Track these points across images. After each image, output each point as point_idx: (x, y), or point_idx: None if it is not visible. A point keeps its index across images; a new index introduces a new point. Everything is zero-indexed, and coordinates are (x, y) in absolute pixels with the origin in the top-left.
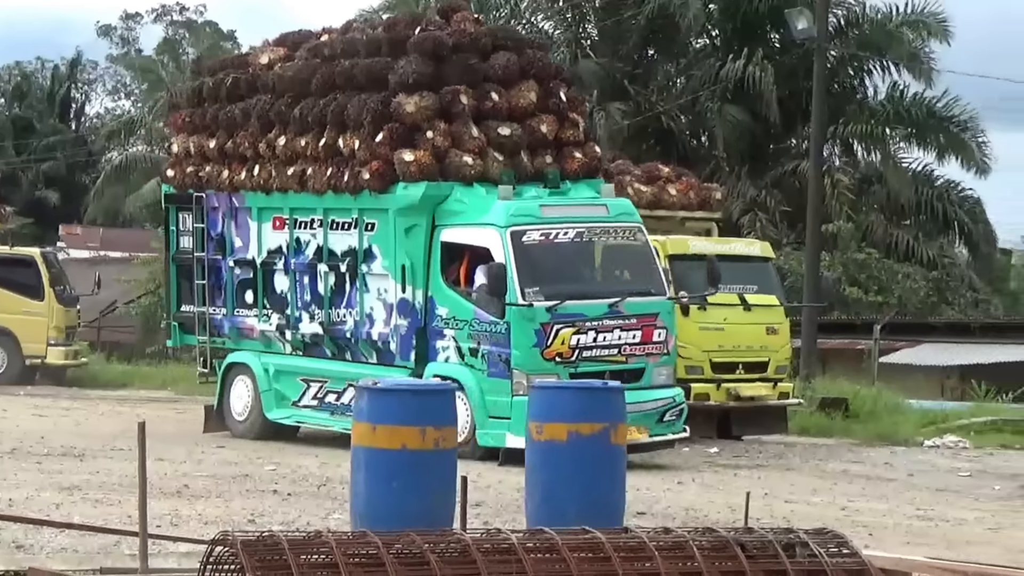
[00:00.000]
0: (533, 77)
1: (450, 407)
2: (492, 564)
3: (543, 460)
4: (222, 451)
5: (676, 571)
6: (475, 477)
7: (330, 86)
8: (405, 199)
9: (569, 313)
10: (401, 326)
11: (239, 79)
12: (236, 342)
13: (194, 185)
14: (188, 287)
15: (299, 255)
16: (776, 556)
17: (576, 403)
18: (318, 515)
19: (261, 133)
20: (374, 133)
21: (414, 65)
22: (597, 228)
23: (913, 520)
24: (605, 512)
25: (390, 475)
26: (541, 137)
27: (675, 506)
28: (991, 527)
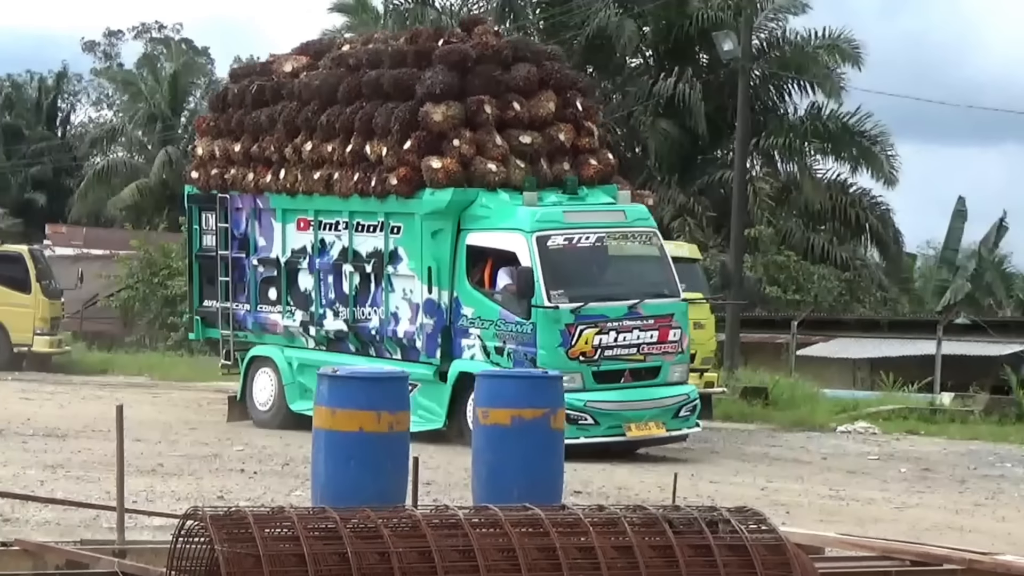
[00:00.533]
0: (552, 87)
1: (404, 393)
2: (440, 538)
3: (488, 442)
4: (194, 433)
5: (609, 545)
6: (426, 458)
7: (356, 94)
8: (432, 204)
9: (592, 314)
10: (427, 325)
11: (264, 86)
12: (259, 336)
13: (218, 186)
14: (210, 283)
15: (324, 255)
16: (701, 532)
17: (519, 390)
18: (282, 492)
19: (287, 138)
20: (402, 140)
21: (441, 76)
22: (616, 233)
23: (826, 500)
24: (545, 490)
25: (348, 456)
26: (559, 145)
27: (609, 485)
28: (897, 506)
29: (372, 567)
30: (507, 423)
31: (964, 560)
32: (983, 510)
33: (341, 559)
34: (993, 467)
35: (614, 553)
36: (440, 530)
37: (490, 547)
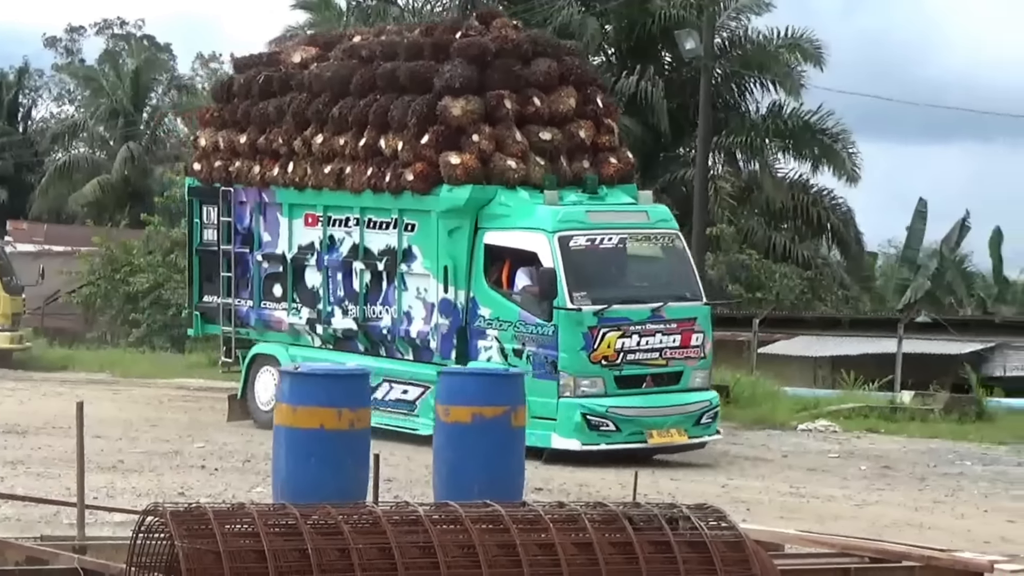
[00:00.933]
0: (571, 83)
1: (364, 391)
2: (401, 534)
3: (449, 440)
4: (155, 430)
5: (569, 541)
6: (387, 455)
7: (370, 87)
8: (449, 201)
9: (615, 317)
10: (442, 325)
11: (272, 76)
12: (262, 334)
13: (221, 179)
14: (210, 278)
15: (333, 252)
16: (660, 528)
17: (480, 388)
18: (243, 488)
19: (296, 130)
20: (419, 135)
21: (460, 69)
22: (639, 234)
23: (787, 497)
24: (505, 487)
25: (308, 452)
26: (579, 142)
27: (570, 483)
28: (857, 504)
29: (332, 563)
30: (468, 421)
31: (923, 557)
32: (942, 507)
33: (301, 555)
34: (952, 465)
35: (574, 550)
36: (400, 526)
37: (450, 544)
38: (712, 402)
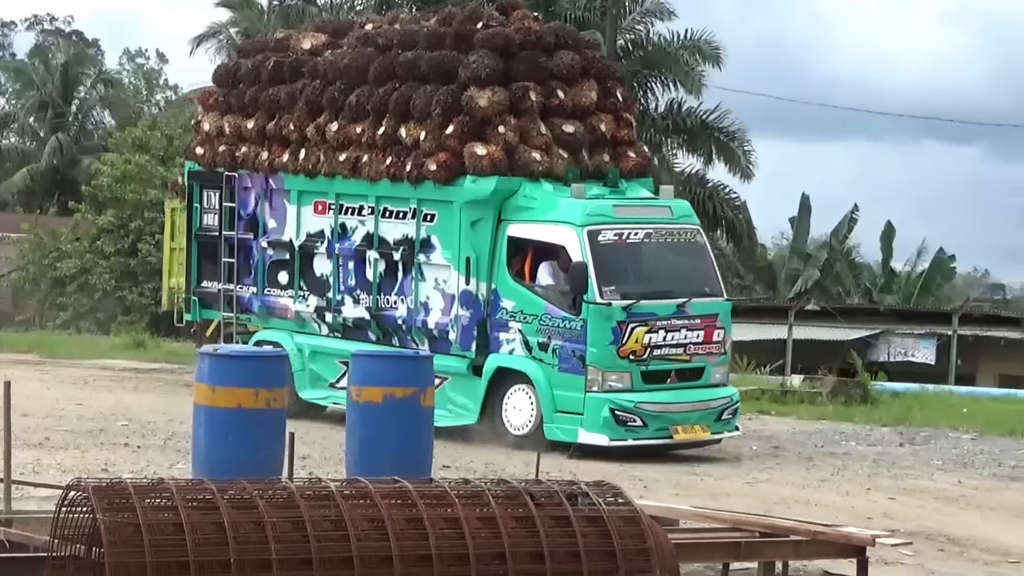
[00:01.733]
0: (593, 76)
1: (281, 371)
2: (313, 509)
3: (361, 419)
4: (80, 408)
5: (474, 516)
6: (303, 433)
7: (389, 75)
8: (474, 192)
9: (642, 312)
10: (463, 316)
11: (282, 62)
12: (264, 320)
13: (225, 164)
14: (209, 264)
15: (344, 240)
16: (560, 504)
17: (391, 369)
18: (164, 465)
19: (308, 117)
20: (443, 125)
21: (485, 59)
22: (663, 229)
23: (682, 475)
24: (415, 465)
25: (226, 431)
26: (600, 136)
27: (477, 461)
28: (748, 482)
29: (247, 536)
30: (379, 401)
31: (809, 532)
32: (828, 485)
33: (217, 528)
34: (838, 445)
35: (478, 524)
36: (313, 501)
37: (360, 518)
38: (733, 398)
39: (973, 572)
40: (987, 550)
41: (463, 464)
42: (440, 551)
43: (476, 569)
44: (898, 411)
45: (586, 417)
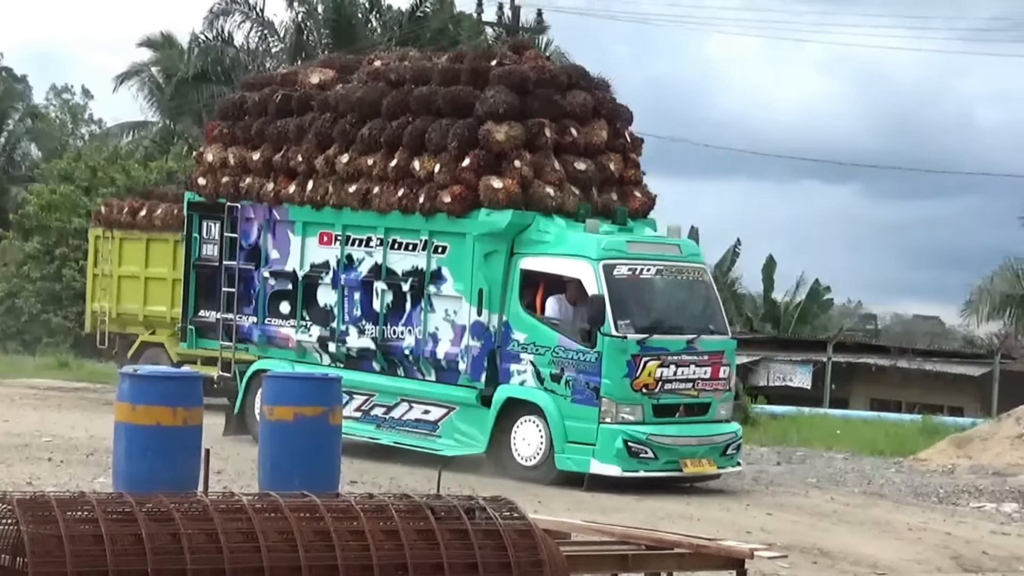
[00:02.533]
0: (603, 116)
1: (197, 392)
2: (226, 521)
3: (273, 436)
4: (6, 425)
5: (378, 529)
6: (218, 449)
7: (402, 109)
8: (488, 225)
9: (655, 347)
10: (474, 347)
11: (290, 96)
12: (264, 350)
13: (228, 195)
14: (206, 293)
15: (350, 271)
16: (459, 518)
17: (302, 390)
18: (86, 479)
19: (318, 149)
20: (459, 157)
21: (503, 95)
22: (673, 266)
23: (574, 491)
24: (323, 480)
25: (145, 447)
26: (609, 175)
27: (382, 477)
28: (636, 497)
29: (164, 547)
30: (290, 419)
31: (692, 545)
32: (710, 501)
33: (136, 539)
34: None
35: (382, 536)
36: (226, 514)
37: (271, 530)
38: (737, 434)
39: None
40: (857, 562)
41: (369, 479)
42: (346, 562)
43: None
44: (776, 432)
45: (599, 448)
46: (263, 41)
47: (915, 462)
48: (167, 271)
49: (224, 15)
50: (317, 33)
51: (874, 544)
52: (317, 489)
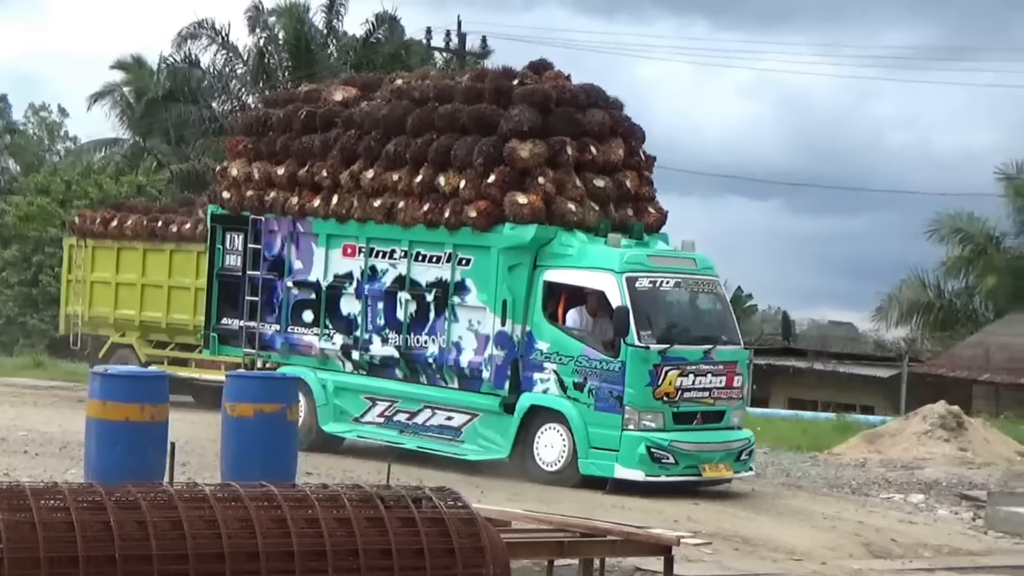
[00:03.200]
0: (620, 135)
1: (163, 390)
2: (189, 510)
3: (235, 431)
4: None
5: (331, 517)
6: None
7: (426, 126)
8: (513, 239)
9: (675, 357)
10: (497, 356)
11: (314, 113)
12: (286, 357)
13: (252, 208)
14: (228, 302)
15: (374, 282)
16: (407, 507)
17: (261, 388)
18: (59, 470)
19: (343, 165)
20: (484, 174)
21: (527, 114)
22: (690, 279)
23: (515, 482)
24: (280, 471)
25: (115, 441)
26: (626, 191)
27: (336, 469)
28: (572, 489)
29: (131, 534)
30: (251, 415)
31: (623, 532)
32: (641, 492)
33: (105, 527)
34: None
35: (335, 524)
36: (190, 503)
37: (231, 518)
38: (750, 440)
39: (763, 567)
40: (776, 549)
41: (324, 471)
42: (302, 548)
43: (333, 564)
44: None
45: (622, 454)
46: (228, 64)
47: (830, 456)
48: (137, 277)
49: (192, 39)
50: (278, 57)
51: (792, 532)
52: (275, 480)
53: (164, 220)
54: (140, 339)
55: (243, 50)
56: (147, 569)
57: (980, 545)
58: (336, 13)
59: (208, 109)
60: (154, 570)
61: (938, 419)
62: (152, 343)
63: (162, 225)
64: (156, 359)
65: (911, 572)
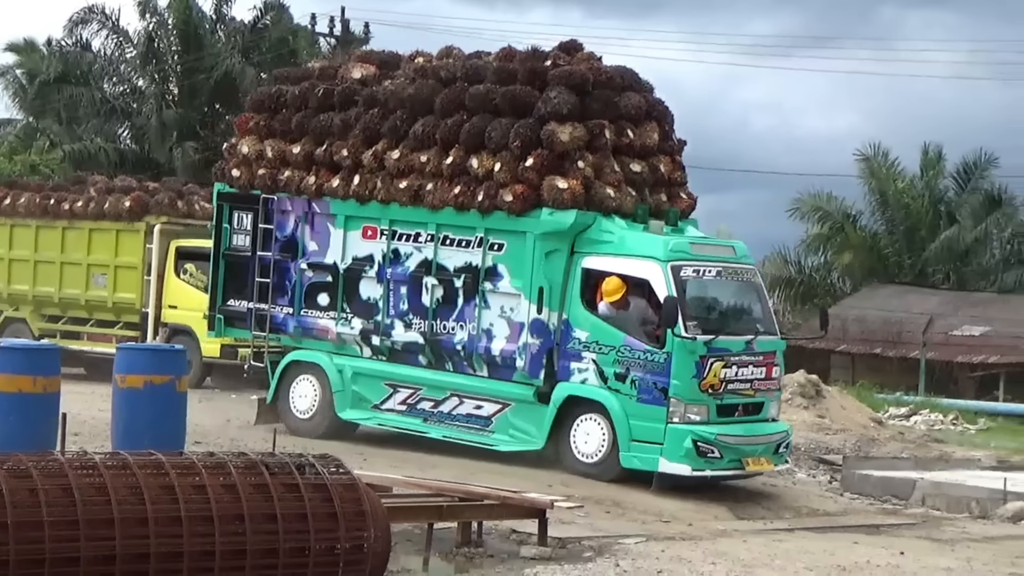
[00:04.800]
0: (654, 119)
1: (55, 362)
2: (80, 477)
3: (125, 402)
4: None
5: (218, 483)
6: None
7: (456, 107)
8: (552, 224)
9: (719, 348)
10: (533, 345)
11: (331, 90)
12: (298, 341)
13: (264, 187)
14: (235, 283)
15: (396, 265)
16: (291, 474)
17: (151, 360)
18: None
19: (364, 145)
20: (521, 157)
21: (565, 96)
22: (730, 268)
23: (396, 449)
24: (169, 440)
25: (8, 412)
26: (660, 176)
27: (223, 438)
28: (451, 456)
29: (23, 500)
30: (140, 386)
31: (499, 497)
32: (517, 461)
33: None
34: None
35: (222, 490)
36: (80, 471)
37: (121, 485)
38: (788, 432)
39: (632, 528)
40: (645, 512)
41: (212, 440)
42: (189, 513)
43: (219, 529)
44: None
45: (667, 447)
46: (118, 48)
47: None
48: (30, 253)
49: (83, 23)
50: (167, 41)
51: (661, 498)
52: (164, 448)
53: (56, 198)
54: (33, 313)
55: (133, 34)
56: (39, 535)
57: (836, 506)
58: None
59: (99, 91)
60: (45, 536)
61: (798, 387)
62: (45, 317)
63: (55, 203)
64: (49, 332)
65: (772, 532)
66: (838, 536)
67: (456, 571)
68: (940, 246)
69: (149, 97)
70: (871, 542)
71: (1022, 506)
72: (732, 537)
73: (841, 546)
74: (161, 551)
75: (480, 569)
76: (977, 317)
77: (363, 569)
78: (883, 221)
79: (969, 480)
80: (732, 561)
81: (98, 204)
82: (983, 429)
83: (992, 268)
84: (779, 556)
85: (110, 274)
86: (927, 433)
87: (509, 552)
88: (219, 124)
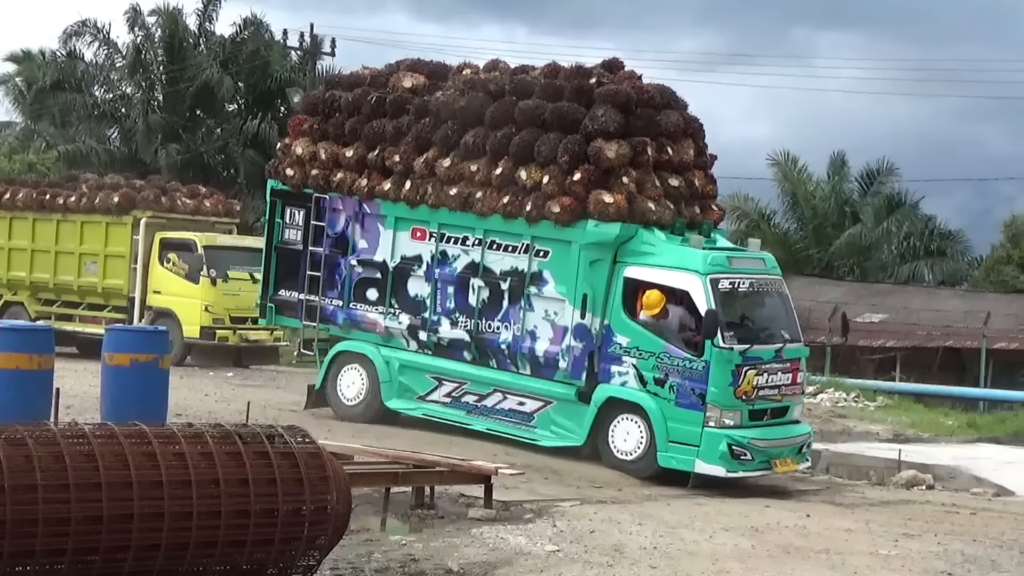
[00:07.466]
0: (690, 135)
1: (50, 342)
2: (71, 445)
3: (113, 378)
4: None
5: (196, 451)
6: (67, 388)
7: (506, 120)
8: (596, 235)
9: (752, 356)
10: (575, 348)
11: (384, 98)
12: (347, 332)
13: (317, 186)
14: (287, 274)
15: (444, 266)
16: (262, 443)
17: (137, 340)
18: None
19: (416, 151)
20: (569, 171)
21: (611, 114)
22: (762, 279)
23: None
24: (153, 413)
25: (6, 386)
26: (695, 190)
27: (201, 411)
28: (407, 428)
29: (20, 466)
30: (127, 364)
31: (449, 465)
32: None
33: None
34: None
35: (199, 457)
36: (71, 439)
37: (108, 452)
38: (810, 434)
39: (568, 493)
40: (580, 478)
41: (192, 413)
42: (170, 478)
43: (197, 492)
44: None
45: (703, 450)
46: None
47: None
48: (27, 243)
49: (76, 35)
50: (153, 53)
51: (593, 465)
52: (148, 420)
53: (52, 194)
54: (30, 297)
55: (122, 46)
56: (32, 497)
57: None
58: (208, 17)
59: (91, 97)
60: (39, 498)
61: None
62: (41, 301)
63: (50, 198)
64: (44, 315)
65: (693, 496)
66: (752, 501)
67: (411, 530)
68: (845, 242)
69: (136, 103)
70: (781, 506)
71: (914, 474)
72: (657, 501)
73: (755, 509)
74: (144, 512)
75: (432, 528)
76: (877, 306)
77: (326, 529)
78: (794, 220)
79: (868, 451)
80: (657, 522)
81: (89, 199)
82: (881, 406)
83: (890, 262)
84: (699, 518)
85: (100, 262)
86: (832, 409)
87: (458, 513)
88: (199, 128)
